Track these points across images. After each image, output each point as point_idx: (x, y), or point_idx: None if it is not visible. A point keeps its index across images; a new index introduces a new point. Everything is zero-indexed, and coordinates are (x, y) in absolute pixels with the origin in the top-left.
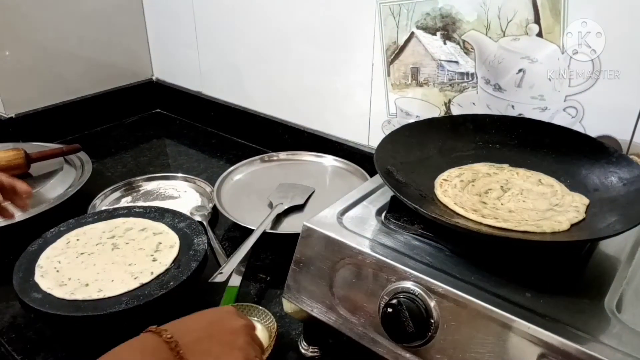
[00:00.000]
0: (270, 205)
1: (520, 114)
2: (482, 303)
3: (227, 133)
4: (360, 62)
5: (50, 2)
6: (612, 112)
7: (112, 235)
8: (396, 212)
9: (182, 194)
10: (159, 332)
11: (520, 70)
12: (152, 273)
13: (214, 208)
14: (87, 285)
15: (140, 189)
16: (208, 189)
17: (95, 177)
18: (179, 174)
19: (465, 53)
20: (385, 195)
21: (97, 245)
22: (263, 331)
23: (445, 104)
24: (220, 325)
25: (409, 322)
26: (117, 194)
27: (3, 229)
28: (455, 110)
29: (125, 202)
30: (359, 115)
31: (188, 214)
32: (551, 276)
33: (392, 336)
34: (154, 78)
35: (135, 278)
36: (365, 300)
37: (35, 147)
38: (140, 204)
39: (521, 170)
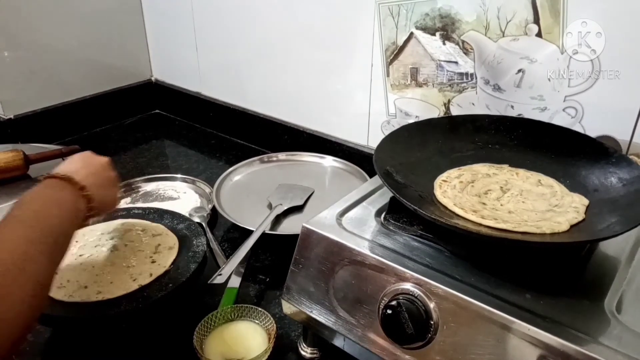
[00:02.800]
0: (270, 206)
1: (519, 115)
2: (482, 304)
3: (226, 134)
4: (359, 63)
5: (50, 3)
6: (612, 112)
7: (111, 237)
8: (395, 213)
9: (182, 195)
10: (52, 175)
11: (519, 71)
12: (151, 275)
13: (213, 209)
14: (85, 287)
15: (139, 189)
16: (207, 189)
17: None
18: (178, 175)
19: (465, 53)
20: (384, 196)
21: (95, 247)
22: (262, 333)
23: (445, 104)
24: (94, 161)
25: (408, 323)
26: None
27: None
28: (455, 111)
29: (125, 203)
30: (359, 116)
31: (187, 215)
32: (551, 277)
33: (392, 338)
34: (153, 79)
35: (134, 280)
36: (364, 302)
37: (34, 148)
38: (139, 205)
39: (521, 171)
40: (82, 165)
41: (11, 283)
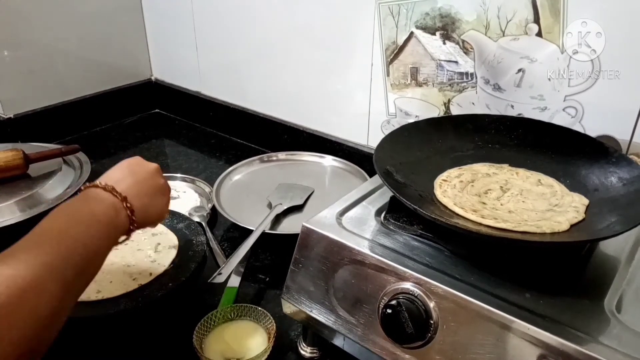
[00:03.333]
0: (270, 206)
1: (519, 114)
2: (482, 304)
3: (226, 133)
4: (359, 62)
5: (50, 3)
6: (612, 112)
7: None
8: (395, 213)
9: (182, 194)
10: (94, 185)
11: (519, 70)
12: (150, 274)
13: (213, 209)
14: None
15: None
16: (207, 189)
17: (94, 178)
18: (178, 174)
19: (465, 53)
20: (384, 195)
21: None
22: (262, 332)
23: (445, 103)
24: (142, 169)
25: (408, 323)
26: None
27: (1, 230)
28: (455, 110)
29: None
30: (359, 115)
31: (187, 214)
32: (551, 277)
33: (392, 337)
34: (153, 78)
35: (134, 279)
36: (364, 301)
37: (33, 147)
38: None
39: (521, 171)
40: (128, 172)
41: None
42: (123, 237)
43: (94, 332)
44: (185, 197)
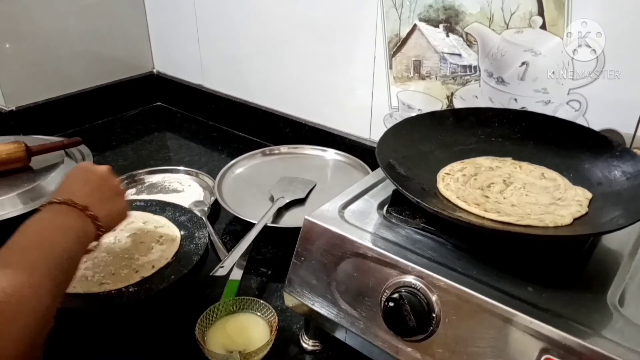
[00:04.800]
0: (272, 199)
1: (523, 108)
2: (484, 297)
3: (228, 126)
4: (362, 55)
5: None
6: (616, 106)
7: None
8: (398, 206)
9: (187, 188)
10: (50, 202)
11: (523, 63)
12: (153, 267)
13: (215, 202)
14: (87, 278)
15: (144, 182)
16: (210, 182)
17: None
18: (181, 167)
19: (468, 46)
20: (386, 189)
21: None
22: (264, 325)
23: (448, 97)
24: (93, 175)
25: (410, 316)
26: None
27: (3, 223)
28: (458, 104)
29: (130, 194)
30: (361, 109)
31: (189, 207)
32: (553, 270)
33: (394, 330)
34: (154, 71)
35: (136, 272)
36: (366, 295)
37: (36, 140)
38: (143, 197)
39: (524, 164)
40: (82, 183)
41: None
42: (94, 243)
43: (97, 324)
44: (190, 191)
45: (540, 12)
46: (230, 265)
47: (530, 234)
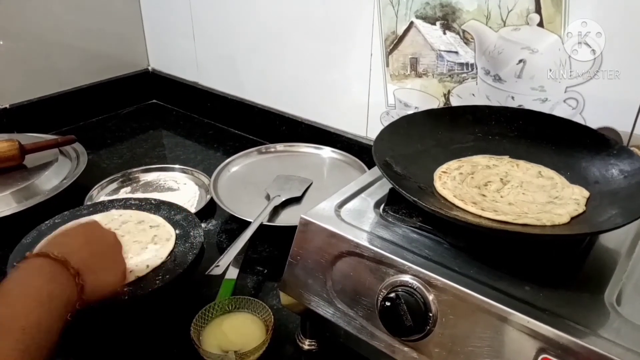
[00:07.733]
0: (268, 197)
1: (520, 106)
2: (481, 297)
3: (223, 124)
4: (358, 53)
5: None
6: (613, 104)
7: (108, 228)
8: (394, 205)
9: (182, 186)
10: (46, 254)
11: (520, 61)
12: (147, 266)
13: (210, 201)
14: None
15: (139, 180)
16: (206, 180)
17: (91, 169)
18: (177, 166)
19: (465, 43)
20: (383, 187)
21: None
22: (260, 325)
23: (445, 95)
24: (99, 239)
25: (407, 315)
26: (114, 185)
27: None
28: (455, 102)
29: (125, 192)
30: (357, 107)
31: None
32: (551, 270)
33: (390, 330)
34: (150, 68)
35: (130, 271)
36: (363, 294)
37: (29, 138)
38: (138, 195)
39: (521, 163)
40: (84, 241)
41: None
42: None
43: (91, 323)
44: (185, 189)
45: (538, 10)
46: (226, 264)
47: (528, 232)
